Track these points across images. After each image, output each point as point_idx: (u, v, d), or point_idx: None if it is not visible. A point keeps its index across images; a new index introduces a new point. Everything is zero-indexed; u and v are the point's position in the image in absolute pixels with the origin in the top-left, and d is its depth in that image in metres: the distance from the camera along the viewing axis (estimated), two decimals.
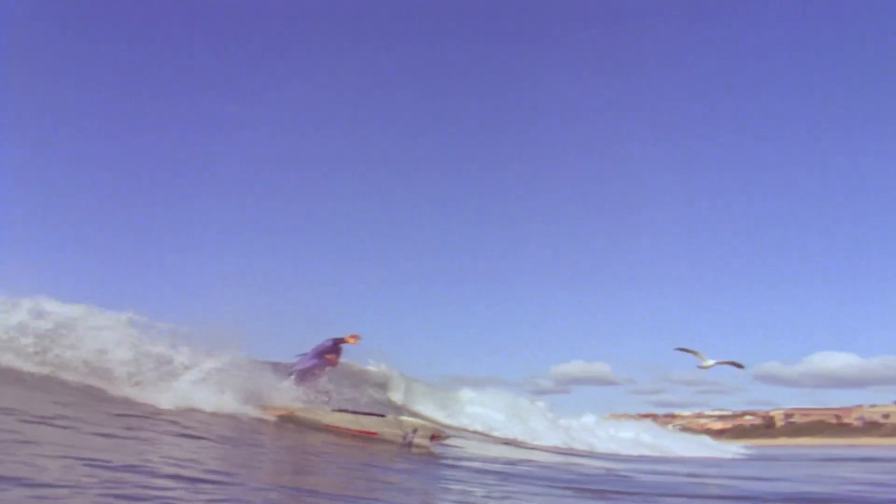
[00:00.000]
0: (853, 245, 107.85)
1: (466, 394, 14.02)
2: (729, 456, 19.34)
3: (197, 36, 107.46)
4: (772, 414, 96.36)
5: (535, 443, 13.81)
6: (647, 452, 17.21)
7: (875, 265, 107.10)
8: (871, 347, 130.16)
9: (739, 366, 14.10)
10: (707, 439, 24.37)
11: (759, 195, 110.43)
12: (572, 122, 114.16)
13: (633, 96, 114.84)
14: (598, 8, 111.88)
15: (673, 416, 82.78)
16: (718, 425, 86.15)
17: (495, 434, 13.37)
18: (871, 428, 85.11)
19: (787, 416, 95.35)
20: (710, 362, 13.52)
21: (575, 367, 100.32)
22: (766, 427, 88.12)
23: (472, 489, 5.05)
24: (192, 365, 8.12)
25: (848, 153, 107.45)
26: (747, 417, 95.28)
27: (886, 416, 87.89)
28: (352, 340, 9.06)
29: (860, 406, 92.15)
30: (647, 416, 33.00)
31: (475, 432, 13.08)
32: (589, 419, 18.40)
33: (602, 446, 16.42)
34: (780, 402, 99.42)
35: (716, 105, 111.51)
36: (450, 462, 7.30)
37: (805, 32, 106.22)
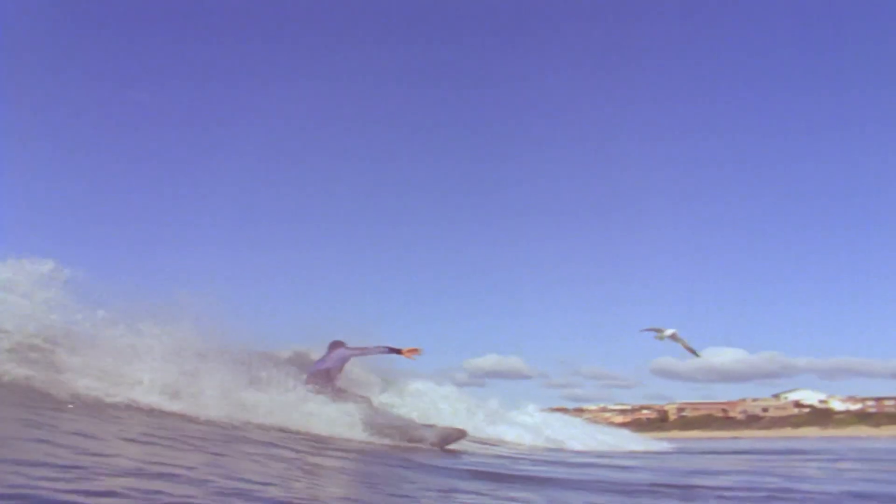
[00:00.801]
0: (740, 244, 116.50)
1: (414, 385, 13.05)
2: (662, 449, 20.00)
3: (196, 35, 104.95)
4: (666, 408, 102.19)
5: (514, 441, 13.60)
6: (602, 447, 17.28)
7: (762, 264, 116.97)
8: (757, 343, 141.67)
9: (695, 353, 14.00)
10: (628, 433, 25.89)
11: (651, 197, 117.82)
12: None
13: (628, 91, 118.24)
14: (597, 5, 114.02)
15: (581, 411, 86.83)
16: (619, 419, 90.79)
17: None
18: (752, 421, 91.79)
19: (680, 410, 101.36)
20: (670, 331, 13.34)
21: (489, 360, 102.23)
22: (661, 421, 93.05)
23: None
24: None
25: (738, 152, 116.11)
26: (644, 412, 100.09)
27: (766, 409, 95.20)
28: (409, 355, 8.46)
29: (744, 400, 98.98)
30: (558, 409, 34.92)
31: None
32: (531, 411, 17.95)
33: (574, 444, 16.10)
34: (675, 397, 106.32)
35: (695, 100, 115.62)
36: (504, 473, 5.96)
37: (803, 28, 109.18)
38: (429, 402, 12.52)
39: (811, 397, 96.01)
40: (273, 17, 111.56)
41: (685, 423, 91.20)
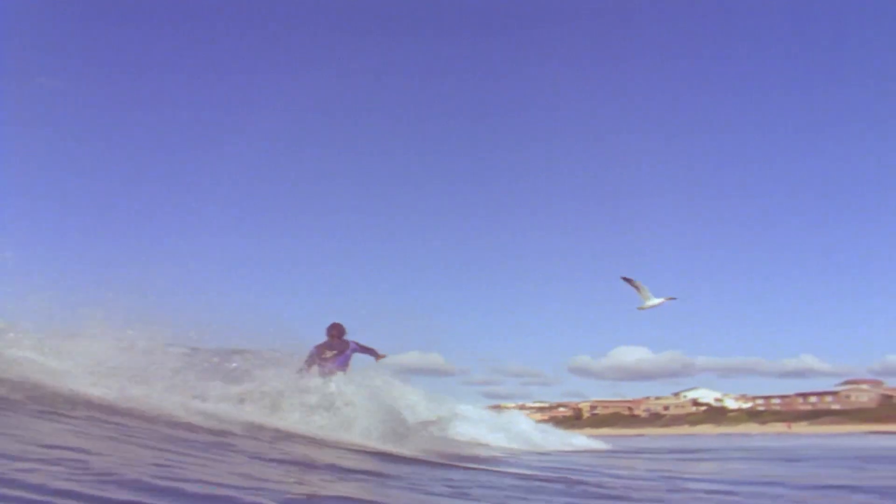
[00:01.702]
0: (649, 244, 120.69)
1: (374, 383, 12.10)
2: (606, 447, 20.25)
3: (196, 35, 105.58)
4: (580, 406, 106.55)
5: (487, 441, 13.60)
6: (555, 446, 17.41)
7: (665, 264, 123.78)
8: (661, 342, 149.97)
9: (672, 298, 13.59)
10: (584, 437, 25.91)
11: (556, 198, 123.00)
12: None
13: (627, 89, 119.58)
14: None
15: (499, 408, 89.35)
16: (538, 416, 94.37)
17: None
18: (654, 419, 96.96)
19: (592, 407, 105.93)
20: (654, 301, 12.72)
21: (410, 357, 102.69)
22: (576, 419, 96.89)
23: None
24: None
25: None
26: (561, 409, 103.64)
27: (667, 408, 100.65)
28: (379, 358, 9.39)
29: (647, 398, 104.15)
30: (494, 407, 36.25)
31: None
32: (467, 408, 17.35)
33: (538, 444, 16.09)
34: (589, 394, 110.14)
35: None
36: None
37: (802, 24, 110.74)
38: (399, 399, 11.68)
39: (708, 396, 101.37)
40: (273, 13, 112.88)
41: (597, 421, 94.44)
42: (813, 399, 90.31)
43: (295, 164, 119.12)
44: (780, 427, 74.22)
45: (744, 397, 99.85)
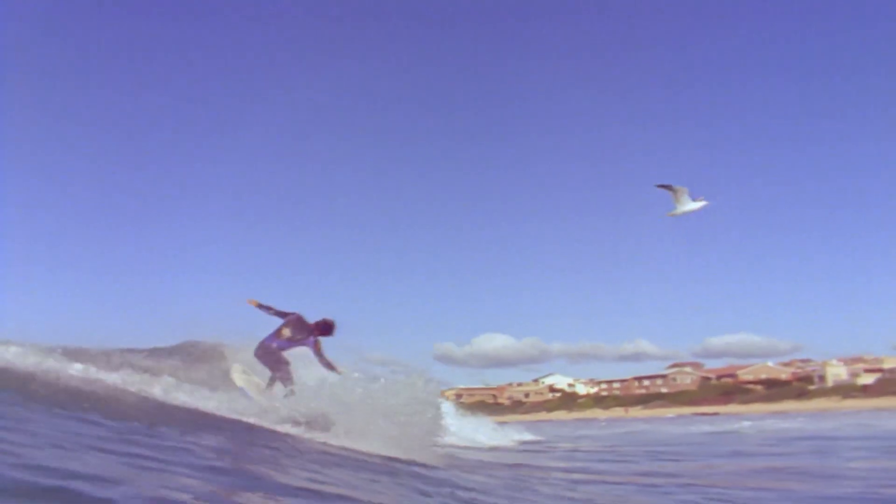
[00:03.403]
0: (507, 237, 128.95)
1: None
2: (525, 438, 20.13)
3: (195, 40, 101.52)
4: (446, 394, 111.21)
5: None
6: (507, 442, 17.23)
7: (523, 252, 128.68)
8: (521, 329, 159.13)
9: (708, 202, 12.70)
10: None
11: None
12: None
13: (626, 86, 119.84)
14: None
15: None
16: None
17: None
18: (516, 406, 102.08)
19: (458, 395, 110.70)
20: (691, 206, 11.87)
21: None
22: None
23: None
24: None
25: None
26: None
27: (527, 395, 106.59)
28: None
29: (510, 385, 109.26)
30: None
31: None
32: None
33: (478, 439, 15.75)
34: (454, 382, 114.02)
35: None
36: None
37: (801, 20, 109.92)
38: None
39: (562, 382, 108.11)
40: (272, 15, 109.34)
41: (463, 410, 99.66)
42: (646, 382, 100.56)
43: (294, 164, 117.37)
44: (620, 412, 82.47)
45: (591, 382, 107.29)
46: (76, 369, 7.41)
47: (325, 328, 8.77)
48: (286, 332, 8.73)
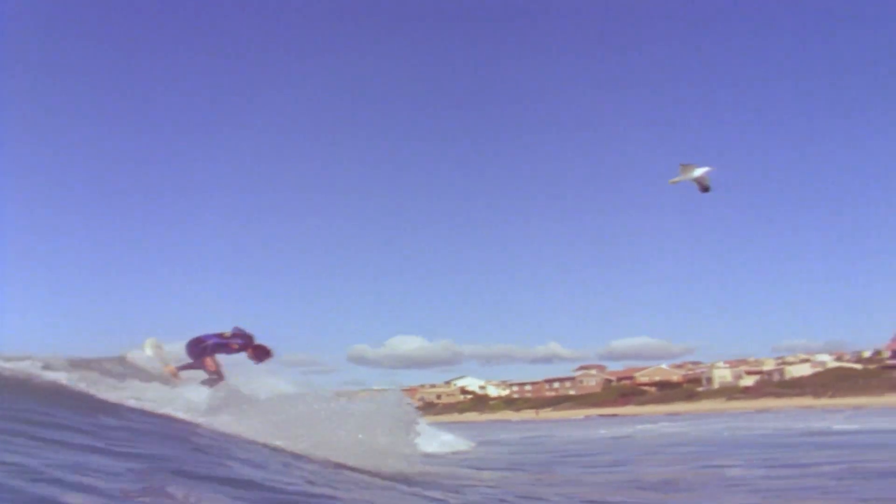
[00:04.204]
0: (422, 240, 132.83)
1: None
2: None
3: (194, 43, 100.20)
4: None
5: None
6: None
7: (434, 254, 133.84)
8: (434, 332, 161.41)
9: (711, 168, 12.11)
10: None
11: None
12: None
13: (625, 85, 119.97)
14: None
15: None
16: None
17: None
18: (428, 407, 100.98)
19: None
20: (695, 172, 11.52)
21: (177, 347, 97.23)
22: None
23: None
24: None
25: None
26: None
27: (439, 396, 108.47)
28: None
29: (423, 386, 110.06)
30: None
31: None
32: None
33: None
34: (368, 383, 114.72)
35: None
36: None
37: (800, 18, 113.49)
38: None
39: (473, 384, 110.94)
40: (271, 15, 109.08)
41: None
42: (556, 385, 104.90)
43: (293, 162, 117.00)
44: (531, 413, 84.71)
45: (503, 384, 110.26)
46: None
47: (262, 354, 9.41)
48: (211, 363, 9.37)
